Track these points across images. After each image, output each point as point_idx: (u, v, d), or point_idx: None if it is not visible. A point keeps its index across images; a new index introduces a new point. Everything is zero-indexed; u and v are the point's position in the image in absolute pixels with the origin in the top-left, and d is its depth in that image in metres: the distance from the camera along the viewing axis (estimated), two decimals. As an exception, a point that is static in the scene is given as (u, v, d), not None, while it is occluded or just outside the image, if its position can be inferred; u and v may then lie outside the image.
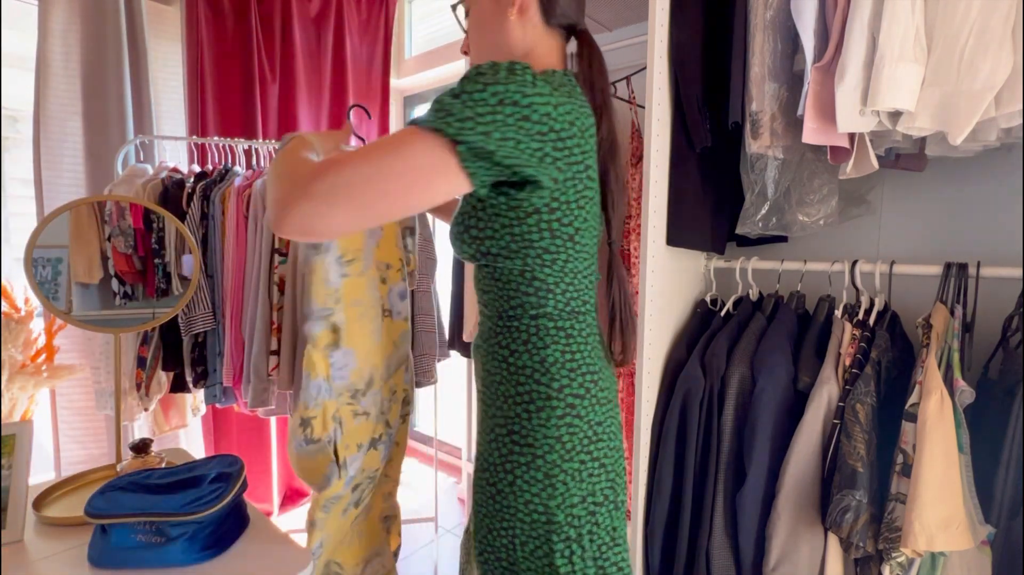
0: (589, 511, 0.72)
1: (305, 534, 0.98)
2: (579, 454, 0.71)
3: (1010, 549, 0.86)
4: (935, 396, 0.83)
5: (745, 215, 1.15)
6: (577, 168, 0.67)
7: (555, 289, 0.71)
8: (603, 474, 0.73)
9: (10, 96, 1.91)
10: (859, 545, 0.88)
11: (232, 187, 1.75)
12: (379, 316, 1.03)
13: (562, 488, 0.70)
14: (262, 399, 1.75)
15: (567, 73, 0.73)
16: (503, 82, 0.60)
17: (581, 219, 0.69)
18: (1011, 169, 1.08)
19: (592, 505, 0.72)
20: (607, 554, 0.73)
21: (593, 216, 0.72)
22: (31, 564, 0.85)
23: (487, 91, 0.59)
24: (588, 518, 0.72)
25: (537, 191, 0.65)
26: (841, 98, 0.88)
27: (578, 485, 0.71)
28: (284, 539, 0.94)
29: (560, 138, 0.64)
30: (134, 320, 1.51)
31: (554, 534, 0.70)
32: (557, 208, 0.67)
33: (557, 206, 0.67)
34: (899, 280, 1.11)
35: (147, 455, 1.08)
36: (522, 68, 0.62)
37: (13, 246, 1.86)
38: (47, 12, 1.76)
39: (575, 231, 0.69)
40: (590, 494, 0.72)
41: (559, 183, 0.66)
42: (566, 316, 0.72)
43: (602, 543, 0.73)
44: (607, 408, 0.74)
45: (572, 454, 0.70)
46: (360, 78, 2.40)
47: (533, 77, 0.62)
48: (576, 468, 0.71)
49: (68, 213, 1.26)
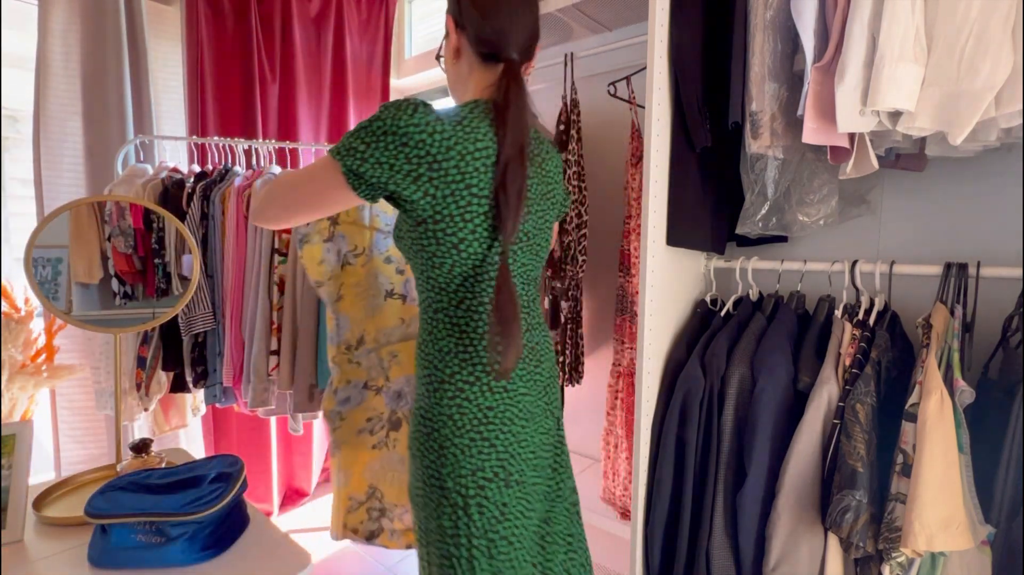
0: (478, 485, 0.80)
1: (305, 534, 1.02)
2: (469, 432, 0.80)
3: (1010, 549, 0.86)
4: (935, 396, 0.83)
5: (745, 215, 1.15)
6: (457, 186, 0.77)
7: (447, 289, 0.83)
8: (493, 453, 0.81)
9: (10, 96, 1.91)
10: (859, 545, 0.88)
11: (232, 187, 1.75)
12: (379, 296, 1.30)
13: (452, 459, 0.80)
14: (262, 399, 1.75)
15: (485, 103, 0.83)
16: (389, 117, 0.75)
17: (467, 230, 0.79)
18: (1011, 169, 1.08)
19: (481, 479, 0.80)
20: (496, 527, 0.81)
21: (484, 228, 0.80)
22: (31, 564, 0.85)
23: (373, 124, 0.76)
24: (476, 490, 0.80)
25: (419, 204, 0.78)
26: (841, 98, 0.88)
27: (467, 459, 0.80)
28: (284, 539, 0.94)
29: (436, 160, 0.76)
30: (134, 320, 1.51)
31: (444, 498, 0.81)
32: (440, 220, 0.78)
33: (440, 218, 0.78)
34: (899, 280, 1.11)
35: (147, 455, 1.08)
36: (410, 104, 0.76)
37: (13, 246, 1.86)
38: (47, 12, 1.76)
39: (459, 240, 0.79)
40: (479, 469, 0.80)
41: (438, 199, 0.77)
42: (460, 314, 0.83)
43: (492, 516, 0.81)
44: (501, 396, 0.82)
45: (462, 431, 0.80)
46: (360, 78, 2.40)
47: (415, 110, 0.76)
48: (466, 444, 0.80)
49: (68, 213, 1.26)
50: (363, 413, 1.22)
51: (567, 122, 1.49)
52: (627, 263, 1.51)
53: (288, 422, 2.05)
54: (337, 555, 1.98)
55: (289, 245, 1.72)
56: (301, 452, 2.39)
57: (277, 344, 1.73)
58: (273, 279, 1.73)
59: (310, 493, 2.44)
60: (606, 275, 1.80)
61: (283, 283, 1.73)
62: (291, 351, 1.72)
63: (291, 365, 1.72)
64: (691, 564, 1.11)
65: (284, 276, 1.73)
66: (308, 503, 2.40)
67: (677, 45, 1.09)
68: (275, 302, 1.73)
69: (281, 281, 1.73)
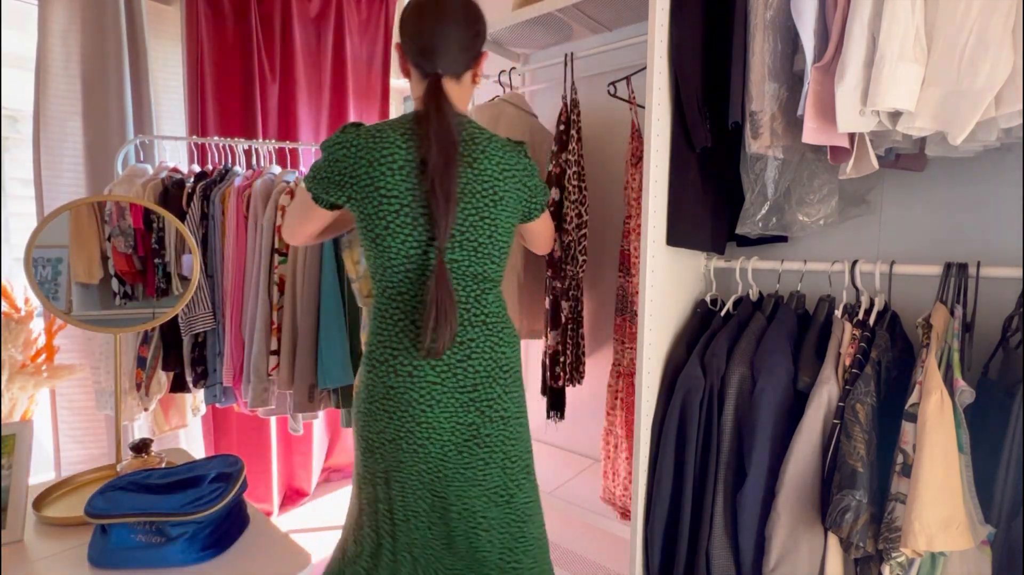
0: (365, 439, 0.99)
1: (305, 534, 1.03)
2: (374, 402, 0.96)
3: (1010, 549, 0.86)
4: (935, 396, 0.83)
5: (745, 215, 1.15)
6: (368, 190, 0.91)
7: (377, 278, 0.98)
8: (390, 424, 0.95)
9: (10, 96, 1.91)
10: (859, 545, 0.88)
11: (232, 187, 1.75)
12: None
13: (362, 420, 0.99)
14: (262, 399, 1.75)
15: (413, 113, 0.96)
16: (325, 143, 0.94)
17: (382, 227, 0.92)
18: (1011, 169, 1.08)
19: (369, 436, 0.98)
20: (360, 465, 1.02)
21: (401, 225, 0.92)
22: (31, 564, 0.85)
23: (322, 147, 0.95)
24: (363, 442, 1.00)
25: (352, 208, 0.94)
26: (841, 98, 0.88)
27: (366, 422, 0.98)
28: (284, 539, 0.94)
29: (350, 169, 0.91)
30: (134, 320, 1.51)
31: (357, 446, 1.03)
32: (363, 219, 0.93)
33: (363, 218, 0.93)
34: (899, 280, 1.11)
35: (147, 455, 1.08)
36: (341, 127, 0.94)
37: (13, 246, 1.86)
38: (47, 12, 1.76)
39: (377, 236, 0.93)
40: (372, 431, 0.98)
41: (357, 201, 0.92)
42: (384, 301, 0.97)
43: (361, 463, 1.01)
44: (404, 379, 0.94)
45: (370, 400, 0.97)
46: (360, 78, 2.40)
47: (341, 131, 0.94)
48: (369, 410, 0.97)
49: (68, 213, 1.26)
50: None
51: (567, 122, 1.49)
52: (627, 263, 1.50)
53: (288, 422, 2.05)
54: (337, 555, 1.98)
55: (289, 246, 1.72)
56: (301, 452, 2.40)
57: (277, 344, 1.73)
58: (273, 279, 1.73)
59: (310, 493, 2.44)
60: (606, 275, 1.80)
61: (283, 283, 1.73)
62: (291, 351, 1.72)
63: (291, 365, 1.72)
64: (691, 564, 1.11)
65: (284, 276, 1.73)
66: (308, 503, 2.40)
67: (677, 45, 1.09)
68: (275, 302, 1.73)
69: (281, 281, 1.73)
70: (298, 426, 2.00)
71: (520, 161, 1.01)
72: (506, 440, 1.00)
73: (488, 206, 0.96)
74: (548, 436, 2.05)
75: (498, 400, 0.99)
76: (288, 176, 1.80)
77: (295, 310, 1.72)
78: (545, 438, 2.05)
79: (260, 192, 1.72)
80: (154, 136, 1.95)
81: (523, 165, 1.01)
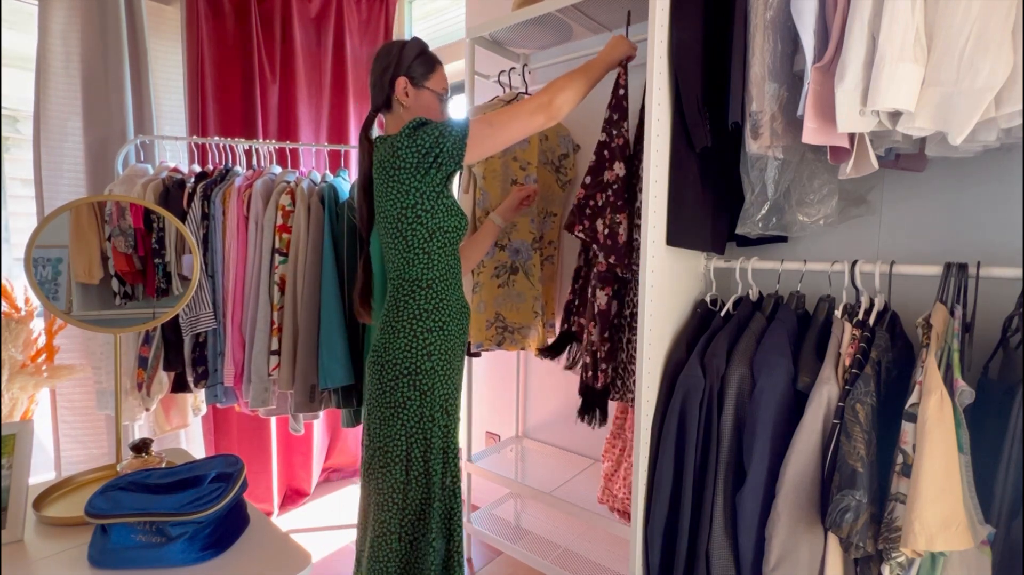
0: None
1: (305, 534, 1.01)
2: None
3: (1010, 549, 0.86)
4: (935, 396, 0.83)
5: (745, 215, 1.14)
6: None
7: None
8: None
9: (10, 96, 1.91)
10: (859, 545, 0.88)
11: (232, 187, 1.75)
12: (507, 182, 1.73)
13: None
14: (263, 399, 1.75)
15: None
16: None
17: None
18: (1011, 169, 1.08)
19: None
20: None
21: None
22: (31, 564, 0.85)
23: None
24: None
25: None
26: (841, 98, 0.88)
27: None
28: (284, 539, 0.94)
29: None
30: (134, 320, 1.51)
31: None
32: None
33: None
34: (899, 280, 1.11)
35: (147, 455, 1.08)
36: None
37: (13, 246, 1.86)
38: (47, 12, 1.76)
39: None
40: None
41: None
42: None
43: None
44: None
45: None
46: (360, 78, 2.40)
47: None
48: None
49: (68, 213, 1.26)
50: (494, 262, 1.69)
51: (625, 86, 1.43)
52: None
53: (288, 422, 2.06)
54: (337, 555, 1.98)
55: (289, 245, 1.72)
56: (301, 452, 2.40)
57: (278, 344, 1.73)
58: (274, 279, 1.73)
59: (310, 493, 2.44)
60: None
61: (284, 283, 1.73)
62: (292, 351, 1.72)
63: (292, 365, 1.72)
64: (691, 564, 1.11)
65: (284, 276, 1.73)
66: (308, 503, 2.40)
67: (677, 45, 1.09)
68: (276, 302, 1.73)
69: (282, 281, 1.73)
70: (299, 426, 2.00)
71: (384, 151, 1.17)
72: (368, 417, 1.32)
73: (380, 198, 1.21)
74: (549, 437, 2.05)
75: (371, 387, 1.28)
76: (288, 176, 1.80)
77: (296, 310, 1.72)
78: (546, 438, 2.06)
79: (260, 192, 1.72)
80: (154, 136, 1.95)
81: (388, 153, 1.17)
